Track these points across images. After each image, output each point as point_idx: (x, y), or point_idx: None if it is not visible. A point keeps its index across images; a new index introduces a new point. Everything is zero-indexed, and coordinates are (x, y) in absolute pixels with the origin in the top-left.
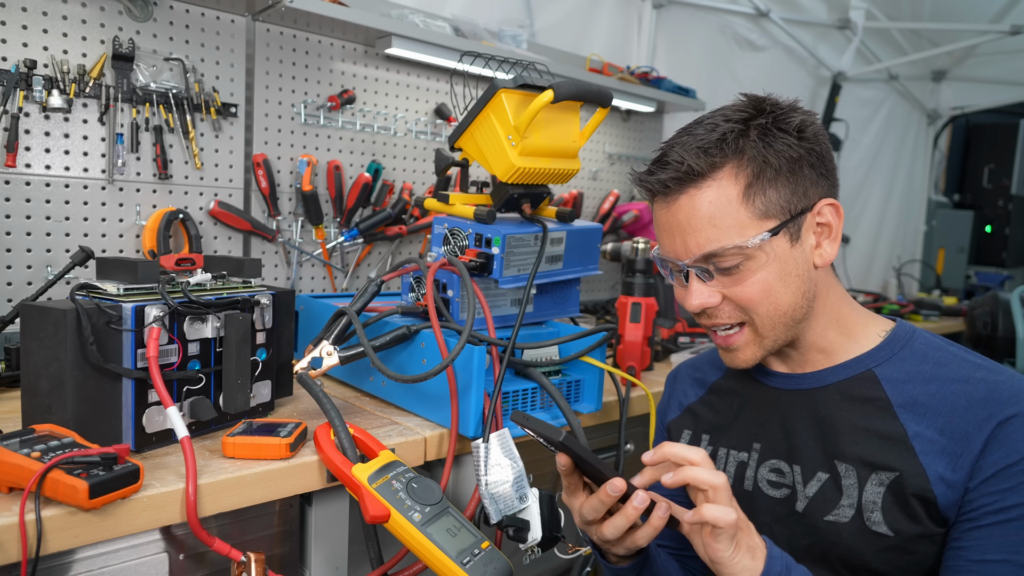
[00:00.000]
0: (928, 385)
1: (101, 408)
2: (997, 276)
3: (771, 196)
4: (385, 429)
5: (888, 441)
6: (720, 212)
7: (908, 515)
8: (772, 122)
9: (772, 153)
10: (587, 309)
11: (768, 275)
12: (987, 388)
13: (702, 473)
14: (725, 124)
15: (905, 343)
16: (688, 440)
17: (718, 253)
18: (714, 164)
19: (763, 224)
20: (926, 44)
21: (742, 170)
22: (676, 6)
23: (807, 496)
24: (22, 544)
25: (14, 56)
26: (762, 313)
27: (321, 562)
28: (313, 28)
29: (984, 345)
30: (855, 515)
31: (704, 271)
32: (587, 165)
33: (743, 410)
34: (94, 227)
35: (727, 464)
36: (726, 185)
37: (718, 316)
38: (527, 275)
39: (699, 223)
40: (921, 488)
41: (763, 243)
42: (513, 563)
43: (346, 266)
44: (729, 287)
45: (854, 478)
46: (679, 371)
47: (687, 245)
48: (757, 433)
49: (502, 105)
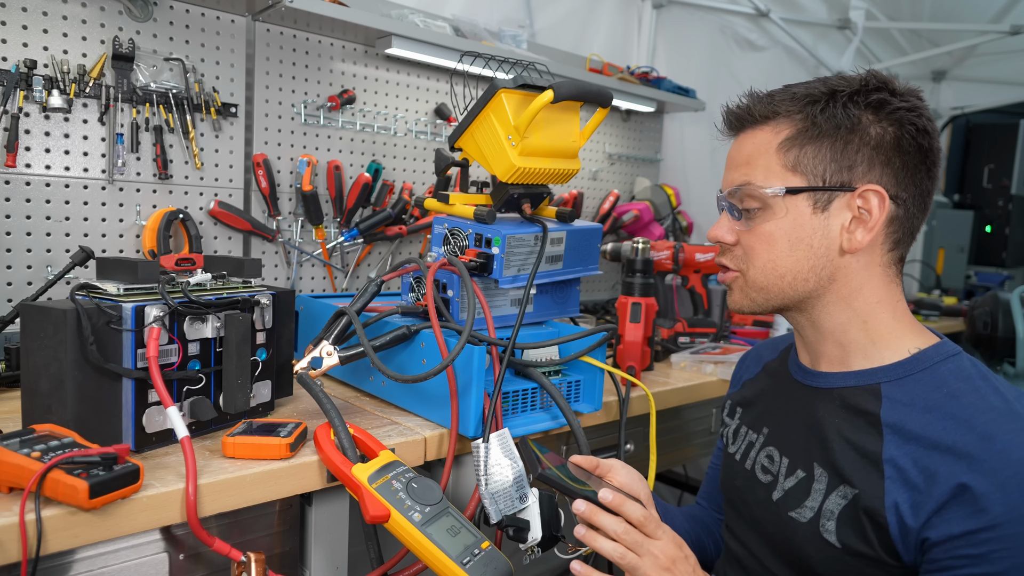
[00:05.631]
0: (926, 414)
1: (101, 408)
2: (997, 276)
3: (807, 154)
4: (385, 429)
5: (863, 458)
6: (757, 154)
7: (858, 533)
8: (852, 95)
9: (826, 116)
10: (587, 309)
11: (776, 230)
12: (981, 438)
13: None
14: (817, 88)
15: (929, 366)
16: (727, 411)
17: (741, 189)
18: (773, 112)
19: (788, 178)
20: (926, 44)
21: (792, 124)
22: (676, 6)
23: (783, 488)
24: (22, 544)
25: (14, 56)
26: (757, 265)
27: (321, 562)
28: (313, 28)
29: (984, 345)
30: (812, 518)
31: (733, 208)
32: (587, 165)
33: (768, 394)
34: (94, 227)
35: (743, 441)
36: (772, 133)
37: (725, 256)
38: (527, 275)
39: (741, 160)
40: (874, 511)
41: (781, 196)
42: (513, 563)
43: (346, 266)
44: (743, 232)
45: (824, 484)
46: (751, 351)
47: (730, 178)
48: (769, 418)
49: (502, 105)
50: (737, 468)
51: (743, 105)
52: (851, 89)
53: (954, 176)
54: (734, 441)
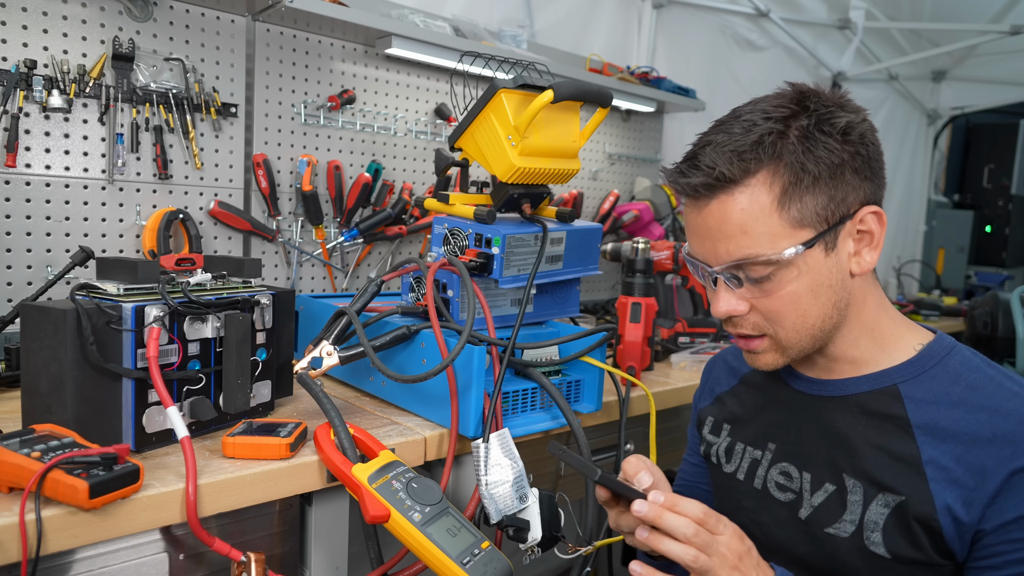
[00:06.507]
0: (954, 409)
1: (101, 408)
2: (997, 276)
3: (808, 204)
4: (385, 429)
5: (900, 463)
6: (752, 220)
7: (909, 541)
8: (815, 123)
9: (811, 159)
10: (587, 309)
11: (799, 287)
12: (1017, 422)
13: (676, 549)
14: (764, 124)
15: (939, 360)
16: (710, 428)
17: (748, 262)
18: (748, 170)
19: (797, 234)
20: (926, 44)
21: (778, 176)
22: (676, 6)
23: (812, 505)
24: (22, 544)
25: (14, 56)
26: (787, 326)
27: (321, 562)
28: (313, 28)
29: (984, 345)
30: (855, 532)
31: (733, 278)
32: (587, 165)
33: (766, 408)
34: (94, 227)
35: (743, 459)
36: (760, 192)
37: (743, 325)
38: (527, 275)
39: (730, 230)
40: (926, 516)
41: (796, 255)
42: (513, 563)
43: (346, 266)
44: (758, 297)
45: (860, 495)
46: (717, 359)
47: (717, 251)
48: (774, 433)
49: (502, 105)
50: (743, 488)
51: (709, 172)
52: (810, 118)
53: (954, 176)
54: (729, 460)
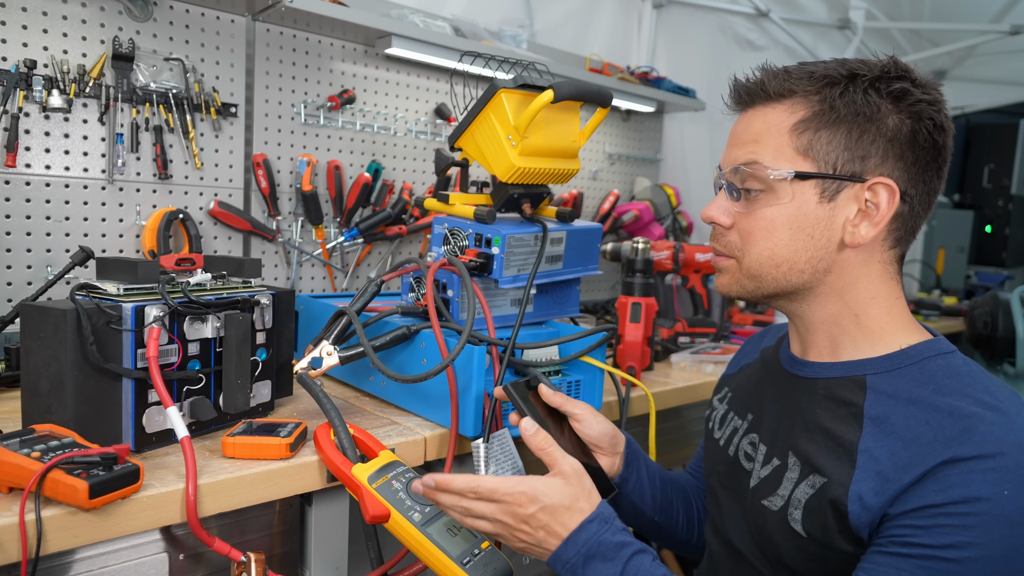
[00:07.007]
0: (909, 406)
1: (101, 408)
2: (997, 276)
3: (821, 139)
4: (385, 429)
5: (838, 448)
6: (767, 132)
7: (820, 522)
8: (871, 81)
9: (843, 101)
10: (587, 309)
11: (778, 215)
12: (961, 428)
13: None
14: (831, 65)
15: (918, 360)
16: (720, 395)
17: (745, 167)
18: (786, 91)
19: (798, 161)
20: (926, 44)
21: (807, 105)
22: (676, 6)
23: (760, 476)
24: (22, 544)
25: (14, 56)
26: (754, 252)
27: (321, 562)
28: (313, 28)
29: (984, 345)
30: (782, 507)
31: (732, 188)
32: (587, 165)
33: (761, 381)
34: (94, 227)
35: (727, 426)
36: (785, 112)
37: (720, 240)
38: (527, 275)
39: (749, 137)
40: (837, 499)
41: (788, 180)
42: (513, 563)
43: (346, 266)
44: (742, 215)
45: (796, 473)
46: (754, 336)
47: (731, 156)
48: (755, 406)
49: (502, 105)
50: (720, 454)
51: (756, 79)
52: (872, 75)
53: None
54: (720, 427)
